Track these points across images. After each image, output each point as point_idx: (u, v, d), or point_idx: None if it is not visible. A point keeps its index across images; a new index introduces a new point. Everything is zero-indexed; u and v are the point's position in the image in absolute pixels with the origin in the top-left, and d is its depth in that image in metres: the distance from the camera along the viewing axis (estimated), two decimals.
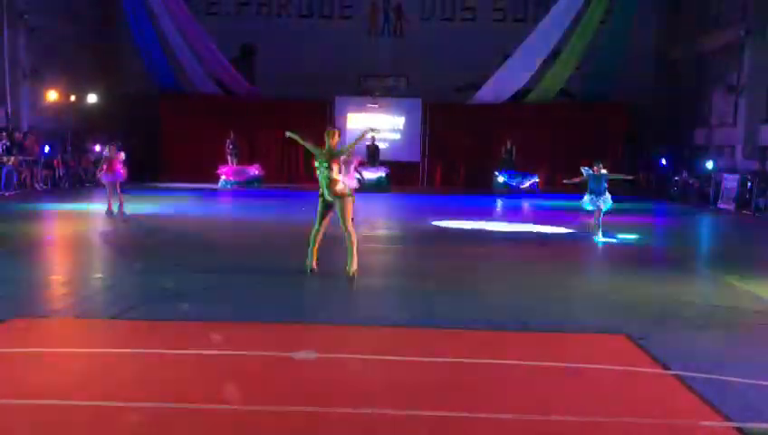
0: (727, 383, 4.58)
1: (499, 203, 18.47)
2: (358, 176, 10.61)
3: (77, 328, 5.72)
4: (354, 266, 7.39)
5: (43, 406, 3.99)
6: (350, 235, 7.35)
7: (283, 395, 4.28)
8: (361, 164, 18.59)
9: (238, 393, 4.28)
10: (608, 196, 11.12)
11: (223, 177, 21.15)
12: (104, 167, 12.75)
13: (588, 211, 11.50)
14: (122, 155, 12.93)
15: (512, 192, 20.56)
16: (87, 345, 5.16)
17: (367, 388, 4.48)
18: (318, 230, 7.48)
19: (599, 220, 11.08)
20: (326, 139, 7.37)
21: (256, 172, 21.60)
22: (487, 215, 15.59)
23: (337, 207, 7.37)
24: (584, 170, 11.34)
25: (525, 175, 21.15)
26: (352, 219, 7.48)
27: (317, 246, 7.52)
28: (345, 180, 7.53)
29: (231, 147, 21.38)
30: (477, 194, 20.46)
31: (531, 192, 20.86)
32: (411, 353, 5.09)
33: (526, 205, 18.09)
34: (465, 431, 3.84)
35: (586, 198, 11.20)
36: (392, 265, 9.24)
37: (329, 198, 7.35)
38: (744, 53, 19.37)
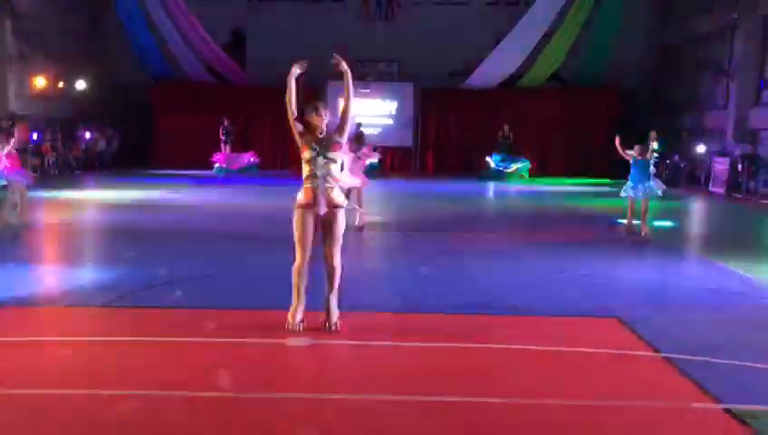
0: (717, 365, 4.63)
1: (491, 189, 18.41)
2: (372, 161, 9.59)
3: (67, 317, 5.71)
4: (337, 315, 5.15)
5: (32, 395, 3.99)
6: (335, 269, 5.13)
7: (277, 382, 4.29)
8: (374, 150, 17.59)
9: (231, 381, 4.28)
10: (652, 183, 9.90)
11: (217, 164, 20.74)
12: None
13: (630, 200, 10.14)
14: (12, 142, 9.67)
15: (500, 178, 20.25)
16: (77, 334, 5.15)
17: (360, 374, 4.50)
18: (303, 262, 5.09)
19: (639, 215, 9.96)
20: (312, 119, 5.04)
21: (252, 159, 21.20)
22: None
23: (330, 225, 5.06)
24: (629, 154, 10.07)
25: (516, 160, 20.88)
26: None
27: (304, 287, 5.11)
28: (347, 181, 6.04)
29: (224, 133, 20.99)
30: (464, 180, 20.39)
31: (519, 177, 20.54)
32: (402, 339, 5.10)
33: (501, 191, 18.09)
34: (457, 416, 3.87)
35: (628, 184, 10.02)
36: (385, 251, 9.25)
37: (323, 209, 5.02)
38: (736, 37, 19.37)
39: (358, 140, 10.23)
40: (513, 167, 20.64)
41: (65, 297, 6.25)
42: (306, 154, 5.04)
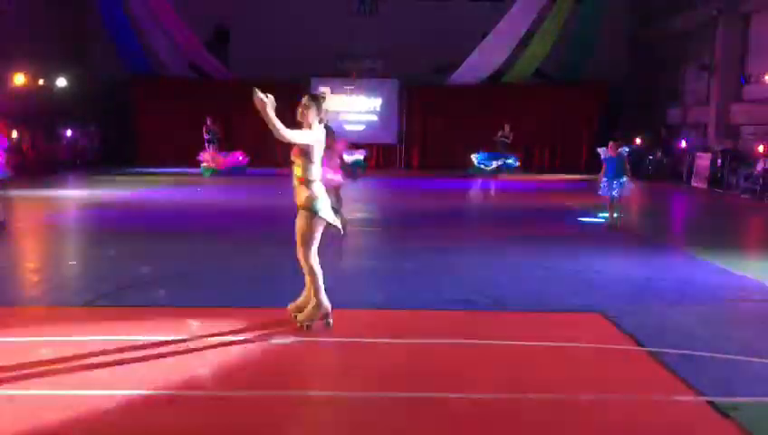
0: (700, 359, 4.67)
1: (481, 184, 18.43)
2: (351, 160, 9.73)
3: (49, 316, 5.64)
4: (306, 314, 5.11)
5: (16, 397, 3.94)
6: (304, 269, 5.11)
7: (260, 379, 4.26)
8: (351, 148, 16.98)
9: (215, 379, 4.26)
10: (625, 180, 10.15)
11: (204, 164, 19.68)
12: None
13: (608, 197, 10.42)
14: (4, 141, 9.69)
15: (485, 175, 20.00)
16: (60, 334, 5.08)
17: (345, 371, 4.49)
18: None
19: (617, 210, 10.30)
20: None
21: (240, 159, 20.25)
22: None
23: (297, 223, 5.10)
24: (601, 151, 10.38)
25: (504, 157, 20.54)
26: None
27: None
28: (326, 177, 5.82)
29: (208, 132, 19.79)
30: (449, 177, 20.42)
31: (503, 175, 20.12)
32: (387, 335, 5.10)
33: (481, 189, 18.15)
34: (442, 412, 3.87)
35: (602, 183, 10.29)
36: (369, 248, 9.24)
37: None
38: (717, 32, 19.55)
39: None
40: (494, 164, 20.42)
41: (47, 297, 6.17)
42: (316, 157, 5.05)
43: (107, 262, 7.67)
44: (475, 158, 20.72)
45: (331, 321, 5.18)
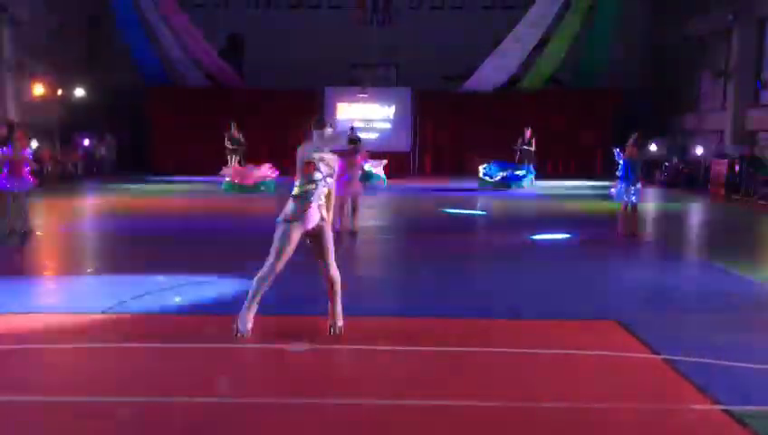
0: (716, 367, 4.64)
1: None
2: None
3: (68, 323, 5.71)
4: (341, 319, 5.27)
5: (34, 402, 3.99)
6: (334, 278, 5.23)
7: (276, 387, 4.29)
8: (371, 158, 16.82)
9: (232, 386, 4.29)
10: (639, 186, 9.78)
11: (226, 178, 16.88)
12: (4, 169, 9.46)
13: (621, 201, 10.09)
14: (29, 152, 9.84)
15: (499, 186, 17.71)
16: (78, 341, 5.15)
17: (361, 378, 4.50)
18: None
19: (630, 217, 9.93)
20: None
21: (268, 173, 17.04)
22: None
23: (319, 238, 5.17)
24: (617, 155, 9.96)
25: (519, 168, 18.38)
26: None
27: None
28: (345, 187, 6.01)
29: (231, 141, 17.87)
30: (461, 183, 20.31)
31: (505, 187, 17.64)
32: (401, 343, 5.11)
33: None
34: (456, 420, 3.87)
35: (617, 188, 9.95)
36: (382, 255, 9.26)
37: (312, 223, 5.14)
38: (732, 38, 19.42)
39: (352, 142, 10.13)
40: (500, 175, 17.90)
41: (65, 303, 6.25)
42: (317, 175, 5.03)
43: (124, 269, 7.75)
44: (482, 169, 18.50)
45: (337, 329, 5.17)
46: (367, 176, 16.61)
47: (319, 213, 5.08)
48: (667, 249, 9.76)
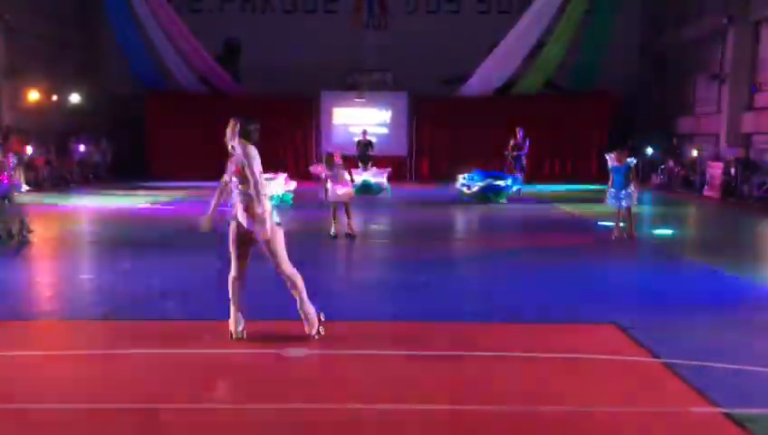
0: (715, 370, 4.63)
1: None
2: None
3: (64, 330, 5.68)
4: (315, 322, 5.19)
5: (30, 410, 3.96)
6: (291, 278, 5.21)
7: (273, 393, 4.27)
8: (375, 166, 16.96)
9: (229, 392, 4.27)
10: (632, 190, 9.96)
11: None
12: None
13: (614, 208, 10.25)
14: (12, 157, 9.70)
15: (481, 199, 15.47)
16: (75, 347, 5.12)
17: (357, 383, 4.48)
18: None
19: (625, 220, 10.09)
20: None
21: (287, 185, 14.47)
22: None
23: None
24: (609, 158, 10.22)
25: (496, 177, 16.08)
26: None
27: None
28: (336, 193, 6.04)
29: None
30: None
31: (483, 199, 15.34)
32: (400, 348, 5.10)
33: None
34: (455, 424, 3.86)
35: (608, 193, 10.15)
36: (380, 260, 9.24)
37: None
38: (727, 41, 19.50)
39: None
40: (475, 187, 15.51)
41: (61, 310, 6.21)
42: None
43: (120, 276, 7.72)
44: (461, 178, 16.16)
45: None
46: (365, 187, 15.56)
47: (246, 214, 5.02)
48: (663, 252, 9.77)
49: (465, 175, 16.20)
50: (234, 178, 5.05)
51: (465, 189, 15.88)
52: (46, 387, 4.31)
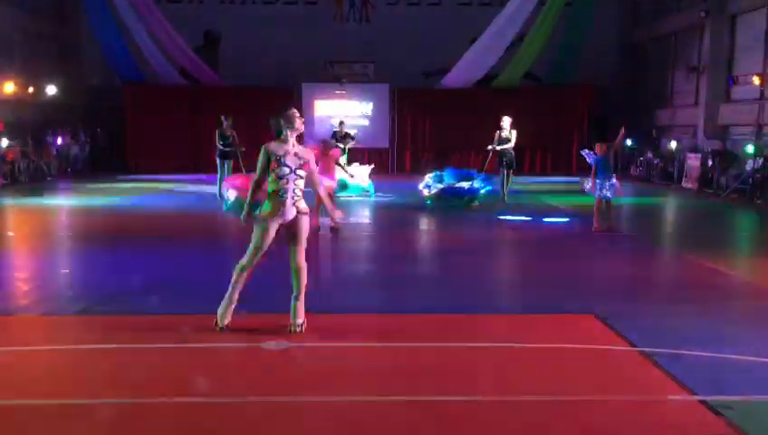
0: (692, 358, 4.70)
1: None
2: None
3: (44, 325, 5.61)
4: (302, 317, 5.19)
5: (9, 406, 3.91)
6: (301, 269, 5.21)
7: (255, 386, 4.26)
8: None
9: (210, 386, 4.25)
10: (614, 182, 9.83)
11: (231, 192, 11.88)
12: None
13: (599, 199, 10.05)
14: None
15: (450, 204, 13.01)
16: (54, 342, 5.06)
17: (339, 375, 4.48)
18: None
19: (606, 212, 9.96)
20: (289, 134, 5.09)
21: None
22: None
23: (295, 230, 5.18)
24: (585, 154, 10.10)
25: (474, 176, 13.63)
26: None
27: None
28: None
29: (222, 141, 13.82)
30: None
31: (443, 202, 12.96)
32: (382, 340, 5.11)
33: None
34: (439, 415, 3.88)
35: (588, 184, 9.98)
36: (362, 252, 9.24)
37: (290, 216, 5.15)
38: (705, 34, 19.70)
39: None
40: (434, 190, 13.07)
41: (38, 306, 6.13)
42: (280, 170, 5.03)
43: (99, 270, 7.64)
44: (427, 177, 13.61)
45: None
46: (342, 186, 12.80)
47: (294, 208, 5.10)
48: (642, 243, 9.88)
49: (434, 173, 13.72)
50: (294, 174, 5.04)
51: (425, 191, 13.26)
52: (28, 382, 4.25)
